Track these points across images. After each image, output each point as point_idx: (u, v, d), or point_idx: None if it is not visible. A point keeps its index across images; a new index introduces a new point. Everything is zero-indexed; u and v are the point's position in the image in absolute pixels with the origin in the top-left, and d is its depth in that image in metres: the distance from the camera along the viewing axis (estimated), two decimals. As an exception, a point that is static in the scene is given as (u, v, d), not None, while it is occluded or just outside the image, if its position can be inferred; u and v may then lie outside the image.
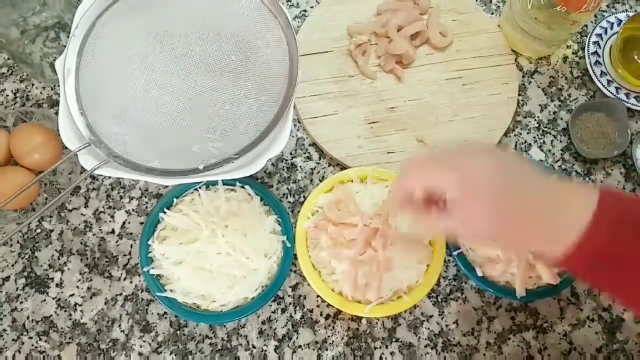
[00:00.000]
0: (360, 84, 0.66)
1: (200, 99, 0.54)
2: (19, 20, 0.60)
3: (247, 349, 0.57)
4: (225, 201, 0.58)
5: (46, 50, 0.64)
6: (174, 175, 0.50)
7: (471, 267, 0.55)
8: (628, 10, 0.71)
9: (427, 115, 0.65)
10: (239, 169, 0.50)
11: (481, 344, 0.57)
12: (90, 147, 0.51)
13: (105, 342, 0.57)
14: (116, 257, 0.60)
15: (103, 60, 0.54)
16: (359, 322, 0.58)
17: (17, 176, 0.57)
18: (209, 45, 0.55)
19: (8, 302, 0.59)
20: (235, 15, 0.55)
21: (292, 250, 0.56)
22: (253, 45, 0.55)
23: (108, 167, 0.50)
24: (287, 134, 0.50)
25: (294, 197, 0.62)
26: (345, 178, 0.59)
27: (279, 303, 0.58)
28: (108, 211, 0.62)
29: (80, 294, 0.59)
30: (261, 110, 0.53)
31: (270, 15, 0.54)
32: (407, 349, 0.57)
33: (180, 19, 0.55)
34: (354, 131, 0.64)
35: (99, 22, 0.54)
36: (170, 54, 0.55)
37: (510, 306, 0.58)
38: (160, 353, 0.57)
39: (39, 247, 0.60)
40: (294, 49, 0.53)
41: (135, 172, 0.50)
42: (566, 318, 0.58)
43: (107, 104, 0.53)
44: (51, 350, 0.57)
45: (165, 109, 0.54)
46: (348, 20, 0.69)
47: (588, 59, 0.67)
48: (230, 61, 0.55)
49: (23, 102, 0.66)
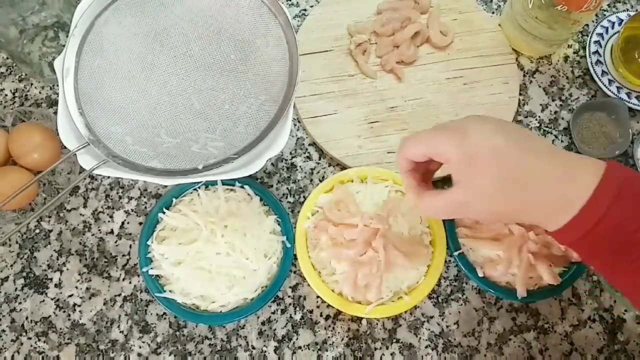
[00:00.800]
0: (361, 84, 0.66)
1: (200, 98, 0.54)
2: (18, 20, 0.59)
3: (246, 349, 0.57)
4: (224, 201, 0.57)
5: (45, 50, 0.64)
6: (173, 175, 0.50)
7: (472, 267, 0.55)
8: (629, 9, 0.71)
9: (427, 115, 0.65)
10: (238, 168, 0.50)
11: (482, 344, 0.57)
12: (89, 147, 0.50)
13: (104, 343, 0.57)
14: (115, 258, 0.60)
15: (102, 60, 0.54)
16: (359, 323, 0.57)
17: (16, 176, 0.57)
18: (208, 44, 0.55)
19: (7, 303, 0.58)
20: (235, 14, 0.54)
21: (292, 250, 0.56)
22: (253, 44, 0.54)
23: (107, 167, 0.50)
24: (287, 134, 0.50)
25: (294, 197, 0.62)
26: (345, 178, 0.58)
27: (278, 304, 0.58)
28: (107, 211, 0.62)
29: (79, 295, 0.59)
30: (261, 109, 0.52)
31: (270, 14, 0.54)
32: (407, 349, 0.57)
33: (179, 18, 0.55)
34: (354, 131, 0.64)
35: (98, 21, 0.54)
36: (169, 53, 0.55)
37: (511, 307, 0.58)
38: (160, 354, 0.56)
39: (38, 248, 0.60)
40: (294, 48, 0.53)
41: (134, 172, 0.50)
42: (567, 319, 0.58)
43: (106, 104, 0.53)
44: (50, 351, 0.57)
45: (165, 109, 0.54)
46: (348, 19, 0.69)
47: (589, 58, 0.67)
48: (229, 60, 0.55)
49: (22, 102, 0.66)
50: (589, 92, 0.67)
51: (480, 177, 0.38)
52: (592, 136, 0.64)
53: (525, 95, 0.67)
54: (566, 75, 0.68)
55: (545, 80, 0.68)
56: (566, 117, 0.66)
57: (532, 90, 0.67)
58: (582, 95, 0.67)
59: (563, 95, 0.67)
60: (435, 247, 0.56)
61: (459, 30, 0.68)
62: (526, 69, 0.68)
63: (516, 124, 0.55)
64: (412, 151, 0.42)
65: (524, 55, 0.69)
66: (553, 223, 0.38)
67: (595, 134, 0.64)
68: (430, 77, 0.66)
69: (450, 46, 0.68)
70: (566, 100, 0.67)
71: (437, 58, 0.67)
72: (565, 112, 0.66)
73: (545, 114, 0.66)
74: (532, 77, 0.68)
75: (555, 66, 0.69)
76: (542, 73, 0.68)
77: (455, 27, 0.68)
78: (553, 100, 0.67)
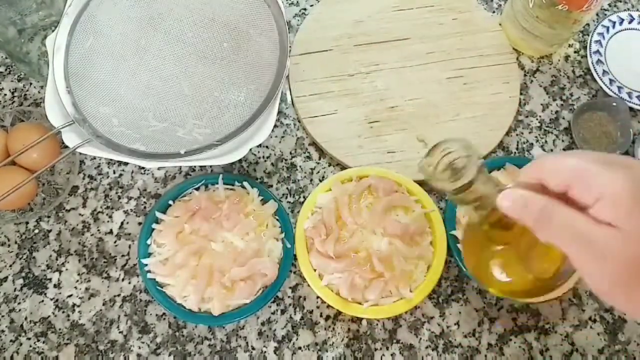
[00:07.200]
0: (361, 83, 0.66)
1: (190, 84, 0.54)
2: (17, 19, 0.59)
3: (246, 350, 0.56)
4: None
5: (44, 50, 0.63)
6: (154, 158, 0.50)
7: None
8: (630, 8, 0.71)
9: (428, 115, 0.64)
10: (221, 155, 0.50)
11: (482, 345, 0.57)
12: (74, 126, 0.51)
13: (103, 343, 0.57)
14: (114, 258, 0.60)
15: (95, 40, 0.54)
16: (359, 324, 0.57)
17: (15, 176, 0.57)
18: (202, 31, 0.55)
19: (6, 303, 0.58)
20: (230, 3, 0.54)
21: (292, 250, 0.56)
22: (245, 33, 0.55)
23: (91, 146, 0.50)
24: (272, 124, 0.50)
25: (294, 197, 0.62)
26: (345, 178, 0.58)
27: (278, 304, 0.58)
28: (106, 211, 0.61)
29: (78, 295, 0.58)
30: (249, 98, 0.53)
31: (263, 4, 0.54)
32: (407, 350, 0.56)
33: (175, 4, 0.55)
34: (354, 130, 0.64)
35: (93, 1, 0.54)
36: (163, 38, 0.55)
37: (511, 307, 0.58)
38: (159, 354, 0.56)
39: (37, 248, 0.60)
40: (285, 39, 0.53)
41: (117, 152, 0.50)
42: (568, 319, 0.57)
43: (96, 84, 0.53)
44: (49, 352, 0.57)
45: (154, 93, 0.54)
46: (348, 18, 0.69)
47: (590, 57, 0.66)
48: (222, 48, 0.55)
49: (21, 102, 0.66)
50: (590, 92, 0.67)
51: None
52: (593, 136, 0.64)
53: (526, 95, 0.67)
54: (567, 74, 0.68)
55: (546, 80, 0.68)
56: (567, 116, 0.66)
57: (532, 89, 0.67)
58: (583, 94, 0.67)
59: (564, 94, 0.67)
60: (435, 247, 0.55)
61: (459, 29, 0.68)
62: (527, 69, 0.68)
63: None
64: (552, 175, 0.32)
65: (525, 55, 0.69)
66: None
67: (596, 134, 0.64)
68: (430, 77, 0.66)
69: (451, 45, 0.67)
70: (567, 100, 0.67)
71: (438, 57, 0.67)
72: (566, 111, 0.66)
73: (546, 114, 0.66)
74: (532, 76, 0.68)
75: (556, 66, 0.68)
76: (542, 72, 0.68)
77: (456, 27, 0.68)
78: (554, 100, 0.67)
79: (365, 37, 0.68)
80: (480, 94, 0.65)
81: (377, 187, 0.56)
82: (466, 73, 0.66)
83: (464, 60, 0.67)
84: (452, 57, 0.67)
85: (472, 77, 0.66)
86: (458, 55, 0.67)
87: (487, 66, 0.67)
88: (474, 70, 0.66)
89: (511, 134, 0.65)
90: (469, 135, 0.63)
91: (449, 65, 0.67)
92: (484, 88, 0.65)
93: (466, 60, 0.67)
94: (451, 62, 0.67)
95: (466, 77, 0.66)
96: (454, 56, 0.67)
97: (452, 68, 0.67)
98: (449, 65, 0.67)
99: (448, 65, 0.67)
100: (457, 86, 0.66)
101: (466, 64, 0.67)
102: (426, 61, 0.67)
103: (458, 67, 0.67)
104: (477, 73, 0.66)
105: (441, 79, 0.66)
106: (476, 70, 0.66)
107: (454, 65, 0.67)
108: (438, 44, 0.68)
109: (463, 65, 0.67)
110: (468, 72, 0.66)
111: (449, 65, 0.67)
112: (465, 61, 0.67)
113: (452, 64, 0.67)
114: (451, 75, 0.66)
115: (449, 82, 0.66)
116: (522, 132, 0.65)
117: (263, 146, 0.64)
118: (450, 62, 0.67)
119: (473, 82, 0.66)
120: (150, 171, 0.63)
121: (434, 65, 0.67)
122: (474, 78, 0.66)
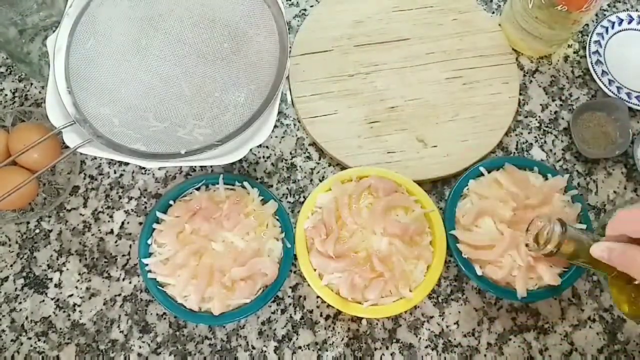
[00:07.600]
0: (361, 83, 0.66)
1: (191, 85, 0.54)
2: (17, 20, 0.59)
3: (246, 349, 0.57)
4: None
5: (45, 50, 0.63)
6: (155, 158, 0.50)
7: (472, 267, 0.55)
8: (629, 9, 0.71)
9: (427, 115, 0.64)
10: (221, 155, 0.50)
11: (482, 344, 0.57)
12: (75, 126, 0.51)
13: (104, 343, 0.57)
14: (115, 258, 0.60)
15: (95, 41, 0.54)
16: (359, 323, 0.57)
17: (16, 176, 0.57)
18: (202, 31, 0.55)
19: (7, 303, 0.58)
20: (230, 3, 0.55)
21: (292, 250, 0.56)
22: (246, 34, 0.55)
23: (92, 146, 0.51)
24: (272, 124, 0.51)
25: (294, 197, 0.62)
26: (345, 178, 0.58)
27: (278, 304, 0.58)
28: (107, 211, 0.62)
29: (79, 295, 0.59)
30: (249, 98, 0.53)
31: (263, 4, 0.54)
32: (407, 349, 0.57)
33: (176, 4, 0.55)
34: (354, 131, 0.64)
35: (93, 2, 0.54)
36: (163, 38, 0.55)
37: (511, 307, 0.58)
38: (160, 354, 0.56)
39: (38, 248, 0.60)
40: (285, 39, 0.53)
41: (117, 152, 0.50)
42: (567, 319, 0.58)
43: (96, 85, 0.53)
44: (50, 351, 0.57)
45: (155, 93, 0.54)
46: (348, 19, 0.69)
47: (589, 58, 0.67)
48: (222, 49, 0.55)
49: (22, 102, 0.66)
50: (589, 92, 0.67)
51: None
52: (592, 136, 0.64)
53: (525, 95, 0.67)
54: (566, 75, 0.68)
55: (545, 80, 0.68)
56: (566, 117, 0.66)
57: (532, 90, 0.67)
58: (582, 95, 0.67)
59: (563, 95, 0.67)
60: (435, 246, 0.56)
61: (459, 30, 0.68)
62: (526, 69, 0.68)
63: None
64: (628, 227, 0.39)
65: (524, 55, 0.69)
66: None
67: (596, 134, 0.64)
68: (430, 77, 0.66)
69: (451, 46, 0.68)
70: (566, 100, 0.67)
71: (437, 58, 0.67)
72: (565, 112, 0.66)
73: (545, 114, 0.66)
74: (532, 77, 0.68)
75: (555, 66, 0.69)
76: (542, 73, 0.68)
77: (456, 27, 0.68)
78: (553, 100, 0.67)
79: (365, 38, 0.68)
80: (480, 94, 0.65)
81: (377, 187, 0.57)
82: (466, 73, 0.66)
83: (463, 61, 0.67)
84: (451, 58, 0.67)
85: (472, 77, 0.66)
86: (458, 55, 0.67)
87: (486, 66, 0.67)
88: (473, 70, 0.67)
89: (510, 134, 0.65)
90: (468, 135, 0.63)
91: (449, 66, 0.67)
92: (484, 88, 0.66)
93: (466, 60, 0.67)
94: (451, 63, 0.67)
95: (466, 77, 0.66)
96: (453, 56, 0.67)
97: (452, 68, 0.67)
98: (448, 66, 0.67)
99: (448, 65, 0.67)
100: (457, 86, 0.66)
101: (466, 64, 0.67)
102: (426, 61, 0.67)
103: (458, 67, 0.67)
104: (477, 73, 0.66)
105: (441, 79, 0.66)
106: (476, 71, 0.66)
107: (453, 65, 0.67)
108: (438, 45, 0.68)
109: (463, 65, 0.67)
110: (468, 73, 0.66)
111: (449, 65, 0.67)
112: (465, 61, 0.67)
113: (451, 64, 0.67)
114: (451, 76, 0.66)
115: (448, 83, 0.66)
116: (522, 132, 0.65)
117: (263, 146, 0.64)
118: (450, 63, 0.67)
119: (473, 83, 0.66)
120: (150, 171, 0.63)
121: (433, 65, 0.67)
122: (474, 78, 0.66)
